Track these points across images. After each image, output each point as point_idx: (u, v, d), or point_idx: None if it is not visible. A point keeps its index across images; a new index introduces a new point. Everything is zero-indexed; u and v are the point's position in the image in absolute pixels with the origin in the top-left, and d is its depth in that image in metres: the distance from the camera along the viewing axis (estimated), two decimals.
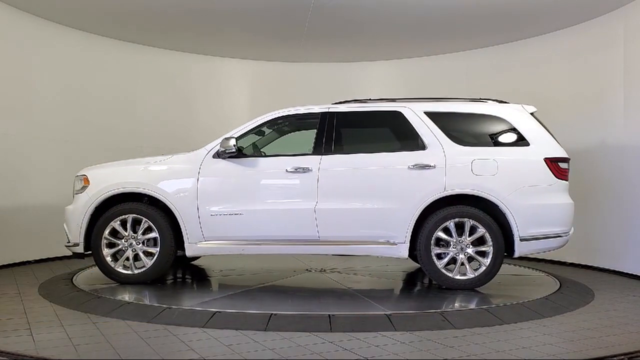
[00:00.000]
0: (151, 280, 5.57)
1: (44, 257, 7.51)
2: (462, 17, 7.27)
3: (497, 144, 5.48)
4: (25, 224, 7.25)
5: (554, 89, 7.72)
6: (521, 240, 5.24)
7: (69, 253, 7.16)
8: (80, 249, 5.57)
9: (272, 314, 4.34)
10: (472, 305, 4.79)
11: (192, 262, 7.14)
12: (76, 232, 5.57)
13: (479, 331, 4.17)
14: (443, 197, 5.30)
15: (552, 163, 5.32)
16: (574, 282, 6.12)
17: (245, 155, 5.57)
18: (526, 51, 8.10)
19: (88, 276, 6.08)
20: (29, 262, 7.30)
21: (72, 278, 5.90)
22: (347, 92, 7.20)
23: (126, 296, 5.08)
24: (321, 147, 5.48)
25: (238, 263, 7.13)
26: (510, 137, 5.47)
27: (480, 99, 5.75)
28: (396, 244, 5.31)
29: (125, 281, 5.51)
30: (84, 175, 5.69)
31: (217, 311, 4.42)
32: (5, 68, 7.06)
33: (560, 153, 5.42)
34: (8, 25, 7.08)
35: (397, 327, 4.19)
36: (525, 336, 4.04)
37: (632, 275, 6.60)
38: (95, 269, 6.01)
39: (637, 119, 6.60)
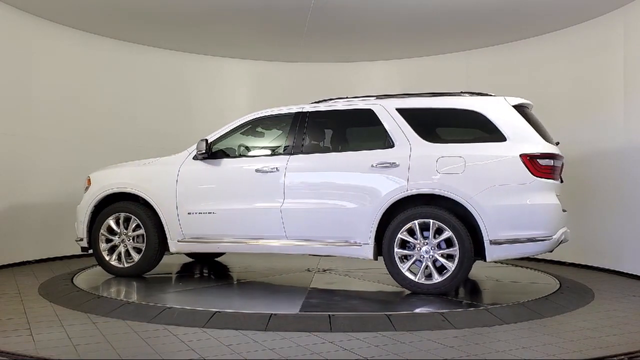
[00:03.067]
0: (140, 274, 5.91)
1: (44, 257, 7.51)
2: (462, 17, 7.26)
3: (469, 140, 5.13)
4: (25, 224, 7.25)
5: (554, 89, 7.71)
6: (492, 243, 4.82)
7: (69, 253, 7.50)
8: (84, 244, 6.07)
9: (272, 314, 4.33)
10: (472, 306, 4.78)
11: (216, 259, 7.37)
12: (80, 228, 6.08)
13: (479, 331, 4.17)
14: (408, 197, 5.04)
15: (530, 159, 4.84)
16: (574, 282, 6.12)
17: (227, 156, 5.70)
18: (526, 51, 8.09)
19: (88, 276, 6.11)
20: (29, 262, 7.29)
21: (72, 278, 5.92)
22: (347, 92, 7.17)
23: (124, 296, 5.11)
24: (291, 147, 5.51)
25: (248, 261, 7.23)
26: (485, 132, 5.07)
27: (461, 92, 5.45)
28: (361, 245, 5.17)
29: (116, 273, 5.91)
30: (88, 176, 6.20)
31: (217, 311, 4.42)
32: (6, 68, 7.05)
33: (541, 149, 4.92)
34: (8, 25, 7.07)
35: (397, 327, 4.19)
36: (525, 336, 4.04)
37: (632, 275, 6.59)
38: (95, 270, 6.33)
39: (637, 119, 6.60)
